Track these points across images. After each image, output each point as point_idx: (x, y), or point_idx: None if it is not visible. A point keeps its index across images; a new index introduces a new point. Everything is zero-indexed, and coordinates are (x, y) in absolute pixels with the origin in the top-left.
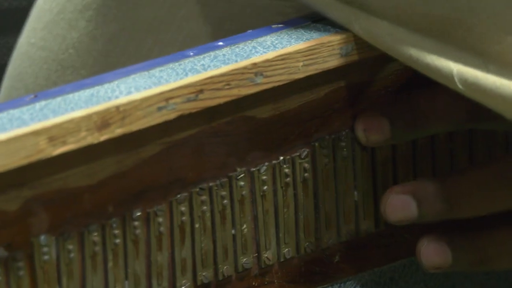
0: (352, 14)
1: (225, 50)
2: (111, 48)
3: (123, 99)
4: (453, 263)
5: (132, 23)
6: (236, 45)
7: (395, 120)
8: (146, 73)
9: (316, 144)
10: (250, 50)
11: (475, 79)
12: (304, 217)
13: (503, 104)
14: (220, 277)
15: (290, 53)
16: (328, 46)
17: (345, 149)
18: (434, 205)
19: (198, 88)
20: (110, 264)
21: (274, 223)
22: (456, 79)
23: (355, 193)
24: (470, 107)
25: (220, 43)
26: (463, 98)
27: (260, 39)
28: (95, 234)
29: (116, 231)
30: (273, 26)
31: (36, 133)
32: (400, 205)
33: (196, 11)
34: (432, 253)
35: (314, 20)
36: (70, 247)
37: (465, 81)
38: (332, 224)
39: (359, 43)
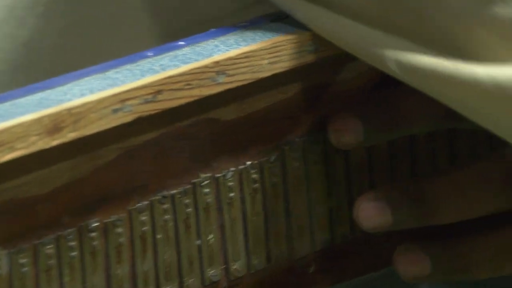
0: (315, 11)
1: (186, 50)
2: (61, 44)
3: (75, 102)
4: (432, 272)
5: (81, 18)
6: (198, 44)
7: (369, 120)
8: (101, 75)
9: (286, 147)
10: (212, 49)
11: (413, 62)
12: (275, 225)
13: (442, 86)
14: None
15: (254, 51)
16: (295, 42)
17: (317, 152)
18: (410, 211)
19: (156, 89)
20: (66, 278)
21: (242, 232)
22: (394, 64)
23: (329, 198)
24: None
25: (181, 43)
26: None
27: (223, 38)
28: (50, 246)
29: (72, 243)
30: (237, 24)
31: None
32: (373, 212)
33: (147, 6)
34: (409, 262)
35: (281, 18)
36: (23, 261)
37: (402, 65)
38: (305, 232)
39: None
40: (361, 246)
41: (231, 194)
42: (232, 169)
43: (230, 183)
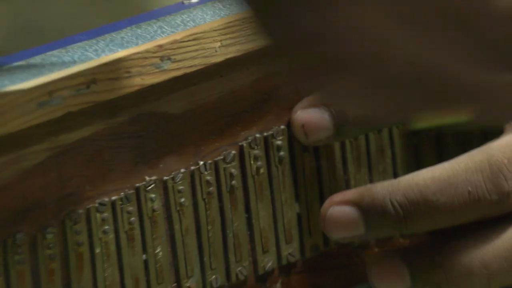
0: None
1: (124, 32)
2: None
3: None
4: (412, 286)
5: None
6: (138, 26)
7: (340, 111)
8: (24, 63)
9: (245, 144)
10: (155, 31)
11: None
12: (234, 236)
13: None
14: None
15: (204, 32)
16: (252, 22)
17: (281, 150)
18: (383, 218)
19: (90, 78)
20: None
21: (196, 244)
22: None
23: (297, 204)
24: None
25: (119, 25)
26: None
27: (168, 18)
28: None
29: None
30: (185, 1)
31: None
32: (342, 219)
33: None
34: (386, 274)
35: None
36: None
37: None
38: (270, 244)
39: None
40: (336, 259)
41: (182, 200)
42: (182, 170)
43: (180, 187)
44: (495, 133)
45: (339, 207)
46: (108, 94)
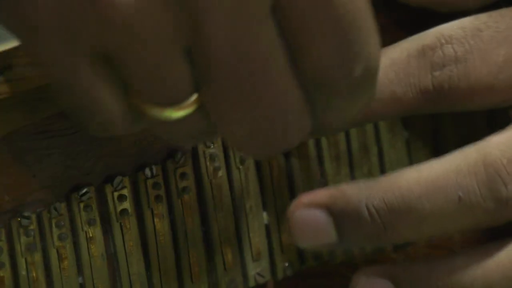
0: None
1: None
2: None
3: None
4: None
5: None
6: None
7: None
8: None
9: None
10: None
11: None
12: (190, 253)
13: None
14: None
15: None
16: None
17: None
18: (358, 226)
19: (4, 63)
20: None
21: (143, 263)
22: None
23: (265, 213)
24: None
25: None
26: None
27: None
28: None
29: None
30: None
31: None
32: (310, 225)
33: None
34: None
35: None
36: None
37: None
38: (234, 262)
39: None
40: (315, 279)
41: (124, 208)
42: (122, 177)
43: (123, 193)
44: (503, 124)
45: (307, 211)
46: (27, 83)
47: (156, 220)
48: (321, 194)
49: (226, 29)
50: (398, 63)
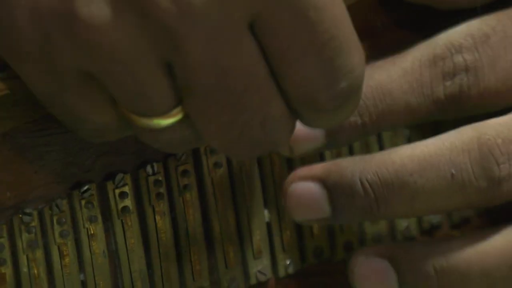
0: None
1: None
2: None
3: None
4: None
5: None
6: None
7: None
8: None
9: None
10: None
11: None
12: (191, 251)
13: None
14: None
15: None
16: None
17: None
18: (351, 199)
19: None
20: None
21: (144, 260)
22: None
23: (266, 211)
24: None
25: None
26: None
27: None
28: None
29: None
30: None
31: None
32: (304, 197)
33: None
34: (371, 275)
35: None
36: None
37: None
38: (235, 260)
39: None
40: (316, 277)
41: (125, 205)
42: (125, 171)
43: (124, 190)
44: None
45: (302, 183)
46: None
47: (157, 217)
48: (316, 168)
49: (205, 45)
50: (411, 73)
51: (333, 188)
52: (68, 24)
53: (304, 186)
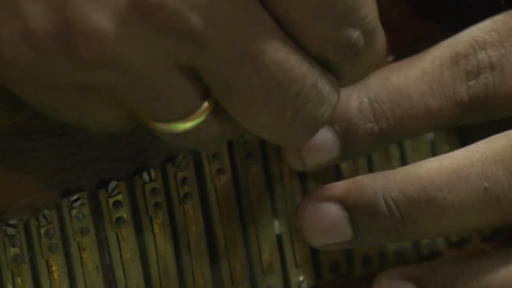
0: None
1: None
2: None
3: None
4: None
5: None
6: None
7: (348, 128)
8: None
9: None
10: None
11: None
12: (193, 265)
13: None
14: None
15: None
16: None
17: (249, 146)
18: (374, 220)
19: None
20: None
21: (142, 276)
22: None
23: (276, 222)
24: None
25: None
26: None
27: None
28: None
29: None
30: None
31: None
32: (323, 220)
33: None
34: None
35: None
36: None
37: None
38: (242, 276)
39: None
40: None
41: (120, 215)
42: (117, 182)
43: (118, 199)
44: None
45: (319, 205)
46: None
47: (155, 229)
48: (334, 187)
49: (224, 36)
50: (431, 73)
51: (354, 209)
52: (65, 41)
53: (321, 208)
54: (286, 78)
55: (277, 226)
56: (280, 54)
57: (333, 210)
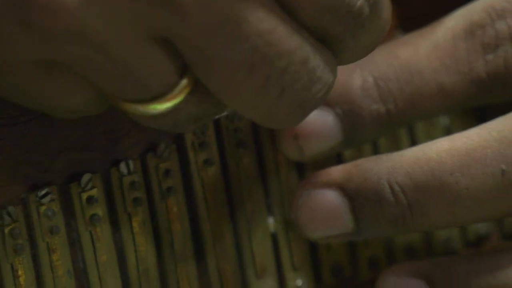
0: None
1: None
2: None
3: None
4: None
5: None
6: None
7: (351, 111)
8: None
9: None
10: None
11: None
12: (177, 268)
13: None
14: None
15: None
16: None
17: (241, 134)
18: (378, 208)
19: None
20: None
21: (120, 281)
22: None
23: (270, 220)
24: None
25: None
26: None
27: None
28: None
29: None
30: None
31: None
32: (321, 209)
33: None
34: None
35: None
36: None
37: None
38: (233, 281)
39: None
40: None
41: (94, 214)
42: (93, 171)
43: (92, 194)
44: None
45: (317, 191)
46: None
47: (135, 227)
48: (334, 171)
49: (206, 5)
50: (443, 47)
51: (356, 196)
52: (18, 10)
53: (319, 195)
54: (270, 52)
55: (271, 224)
56: (264, 24)
57: (332, 197)
